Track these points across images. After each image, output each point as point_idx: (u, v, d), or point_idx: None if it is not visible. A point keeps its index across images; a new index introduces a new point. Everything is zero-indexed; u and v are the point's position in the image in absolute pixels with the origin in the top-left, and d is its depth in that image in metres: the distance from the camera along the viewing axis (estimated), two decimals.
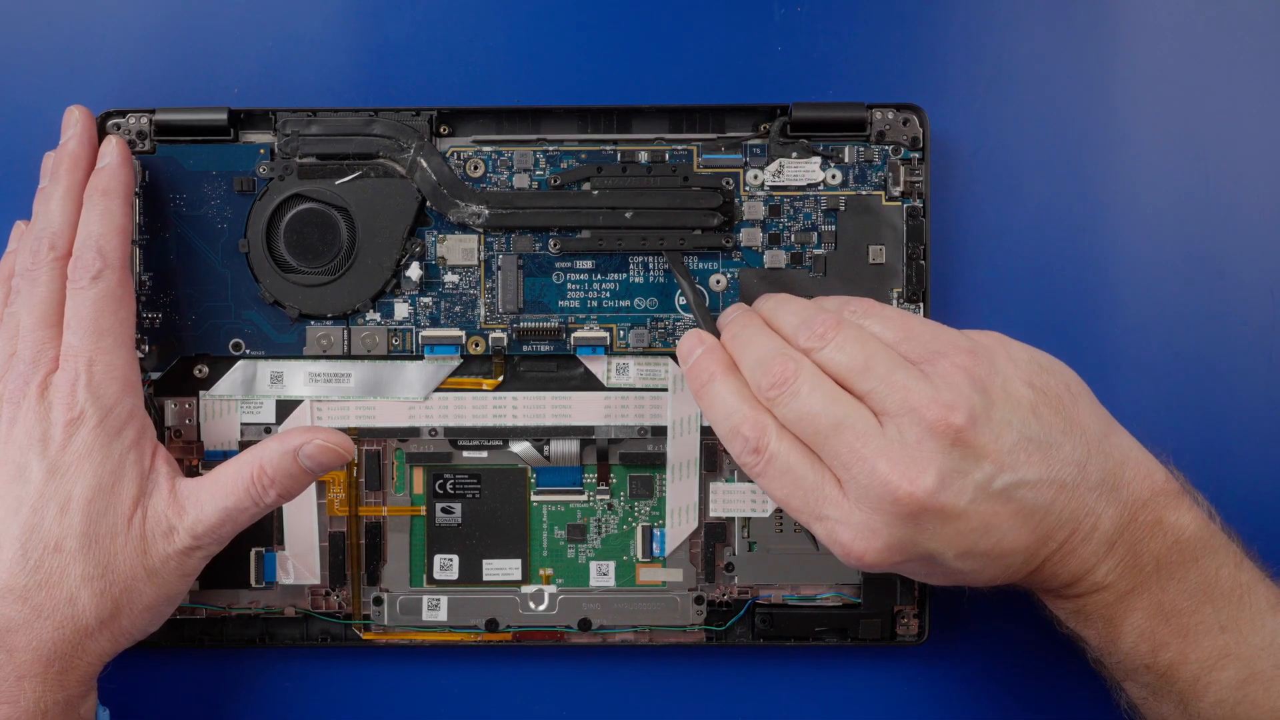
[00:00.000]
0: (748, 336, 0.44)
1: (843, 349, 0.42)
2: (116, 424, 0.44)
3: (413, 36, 0.51)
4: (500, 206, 0.49)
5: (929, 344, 0.43)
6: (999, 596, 0.51)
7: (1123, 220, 0.52)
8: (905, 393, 0.41)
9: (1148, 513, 0.43)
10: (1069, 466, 0.42)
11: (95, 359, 0.44)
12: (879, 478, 0.40)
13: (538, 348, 0.50)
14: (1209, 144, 0.52)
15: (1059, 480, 0.42)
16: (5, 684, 0.42)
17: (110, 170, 0.47)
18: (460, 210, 0.49)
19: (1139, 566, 0.43)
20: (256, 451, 0.45)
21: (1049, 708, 0.52)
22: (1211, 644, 0.43)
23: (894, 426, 0.41)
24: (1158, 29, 0.52)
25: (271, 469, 0.45)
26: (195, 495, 0.45)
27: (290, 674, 0.51)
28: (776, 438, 0.42)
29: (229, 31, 0.51)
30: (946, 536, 0.41)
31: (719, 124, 0.50)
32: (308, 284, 0.49)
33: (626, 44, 0.52)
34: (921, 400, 0.41)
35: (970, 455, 0.41)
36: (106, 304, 0.45)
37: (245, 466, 0.45)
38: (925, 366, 0.42)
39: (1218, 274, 0.51)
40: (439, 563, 0.51)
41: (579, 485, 0.51)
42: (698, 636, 0.51)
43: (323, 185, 0.49)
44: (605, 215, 0.49)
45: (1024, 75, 0.52)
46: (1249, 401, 0.51)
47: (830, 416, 0.41)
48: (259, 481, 0.45)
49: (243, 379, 0.50)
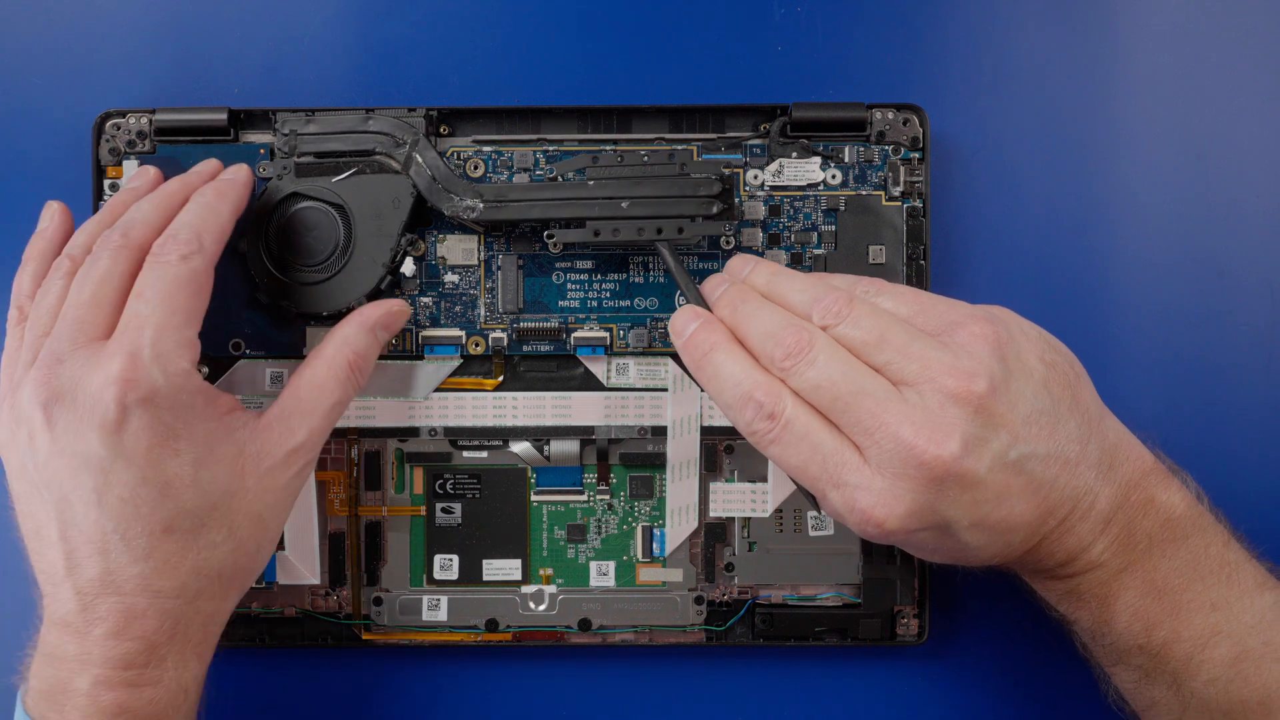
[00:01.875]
0: (750, 310, 0.44)
1: (858, 324, 0.42)
2: (188, 395, 0.42)
3: (412, 36, 0.51)
4: (495, 199, 0.48)
5: (944, 315, 0.43)
6: (998, 596, 0.51)
7: (1123, 220, 0.52)
8: (925, 361, 0.41)
9: (1139, 492, 0.43)
10: (1073, 443, 0.42)
11: (165, 330, 0.41)
12: (903, 442, 0.40)
13: (538, 348, 0.50)
14: (1209, 144, 0.52)
15: (1064, 456, 0.42)
16: (146, 669, 0.41)
17: (231, 181, 0.47)
18: (455, 204, 0.48)
19: (1132, 544, 0.43)
20: (341, 341, 0.45)
21: (1048, 708, 0.52)
22: (1203, 621, 0.43)
23: (915, 394, 0.41)
24: (1157, 29, 0.52)
25: (363, 349, 0.45)
26: (295, 409, 0.44)
27: (290, 674, 0.51)
28: (793, 403, 0.42)
29: (229, 31, 0.51)
30: (964, 504, 0.41)
31: (719, 124, 0.50)
32: (304, 282, 0.49)
33: (626, 44, 0.52)
34: (942, 368, 0.41)
35: (990, 423, 0.41)
36: (189, 284, 0.43)
37: (338, 358, 0.45)
38: (943, 337, 0.42)
39: (1217, 274, 0.51)
40: (439, 563, 0.51)
41: (579, 485, 0.51)
42: (698, 636, 0.51)
43: (319, 183, 0.49)
44: (602, 205, 0.47)
45: (1024, 75, 0.52)
46: (1249, 401, 0.51)
47: (850, 383, 0.41)
48: (355, 366, 0.45)
49: (243, 379, 0.50)
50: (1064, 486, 0.42)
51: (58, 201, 0.48)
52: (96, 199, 0.50)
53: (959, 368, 0.41)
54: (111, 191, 0.50)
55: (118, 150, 0.50)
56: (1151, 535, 0.43)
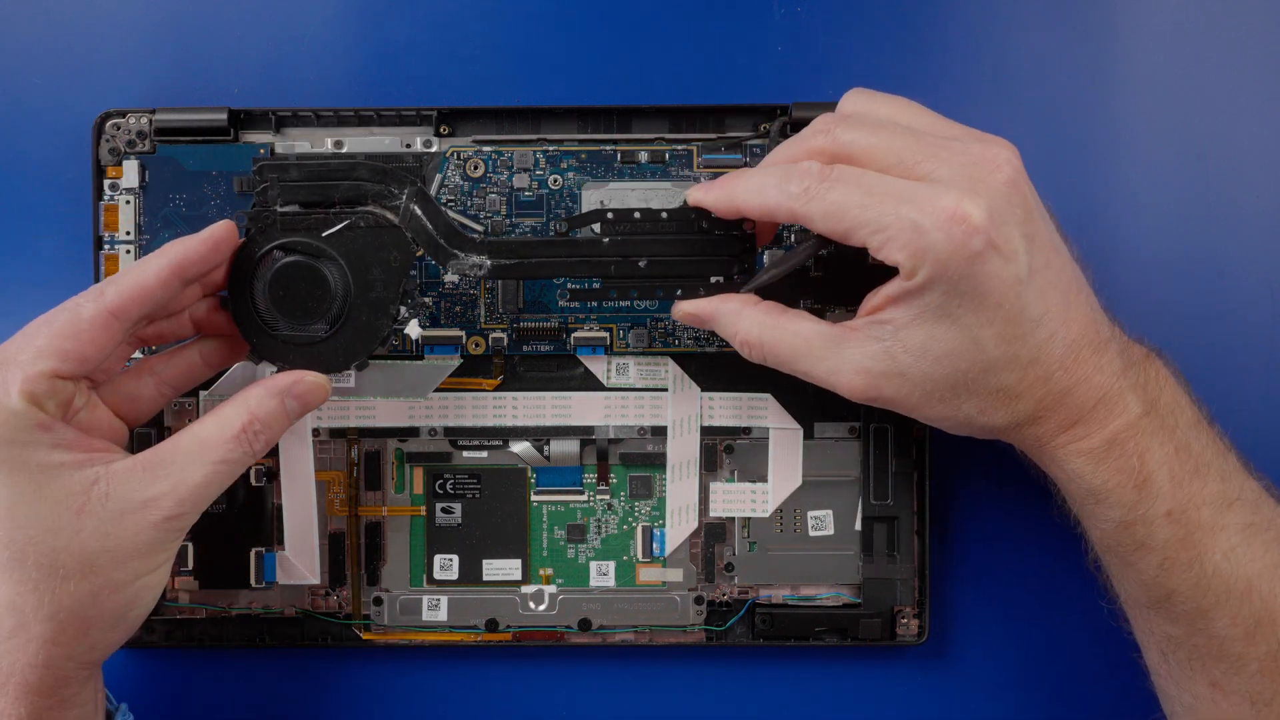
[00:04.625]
0: (746, 178, 0.44)
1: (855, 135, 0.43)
2: (13, 430, 0.41)
3: (413, 36, 0.51)
4: (504, 256, 0.46)
5: (946, 130, 0.43)
6: (998, 596, 0.51)
7: (1123, 220, 0.52)
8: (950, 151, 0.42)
9: (1137, 348, 0.44)
10: (1067, 272, 0.43)
11: (7, 364, 0.41)
12: (970, 155, 0.41)
13: (538, 348, 0.50)
14: (1209, 144, 0.52)
15: (1078, 280, 0.43)
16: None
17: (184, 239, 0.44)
18: (460, 262, 0.46)
19: (1149, 392, 0.43)
20: (241, 401, 0.43)
21: (1048, 708, 0.52)
22: (1218, 488, 0.43)
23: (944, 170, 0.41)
24: (1158, 29, 0.52)
25: (264, 415, 0.43)
26: (166, 459, 0.42)
27: (290, 674, 0.51)
28: (842, 164, 0.42)
29: (229, 31, 0.51)
30: (1023, 236, 0.41)
31: (719, 124, 0.50)
32: (298, 343, 0.45)
33: (626, 44, 0.52)
34: (970, 150, 0.41)
35: (1018, 200, 0.41)
36: (63, 327, 0.42)
37: (232, 418, 0.43)
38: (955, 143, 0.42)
39: (1217, 274, 0.51)
40: (439, 563, 0.51)
41: (579, 485, 0.51)
42: (698, 636, 0.51)
43: (308, 237, 0.45)
44: (619, 265, 0.46)
45: (1024, 75, 0.52)
46: (1249, 401, 0.51)
47: (883, 180, 0.41)
48: (249, 429, 0.43)
49: (243, 379, 0.50)
50: (1080, 305, 0.42)
51: (229, 224, 0.45)
52: (96, 199, 0.50)
53: (986, 152, 0.41)
54: (111, 191, 0.50)
55: (118, 150, 0.50)
56: (1159, 386, 0.43)
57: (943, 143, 0.42)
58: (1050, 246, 0.42)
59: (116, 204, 0.50)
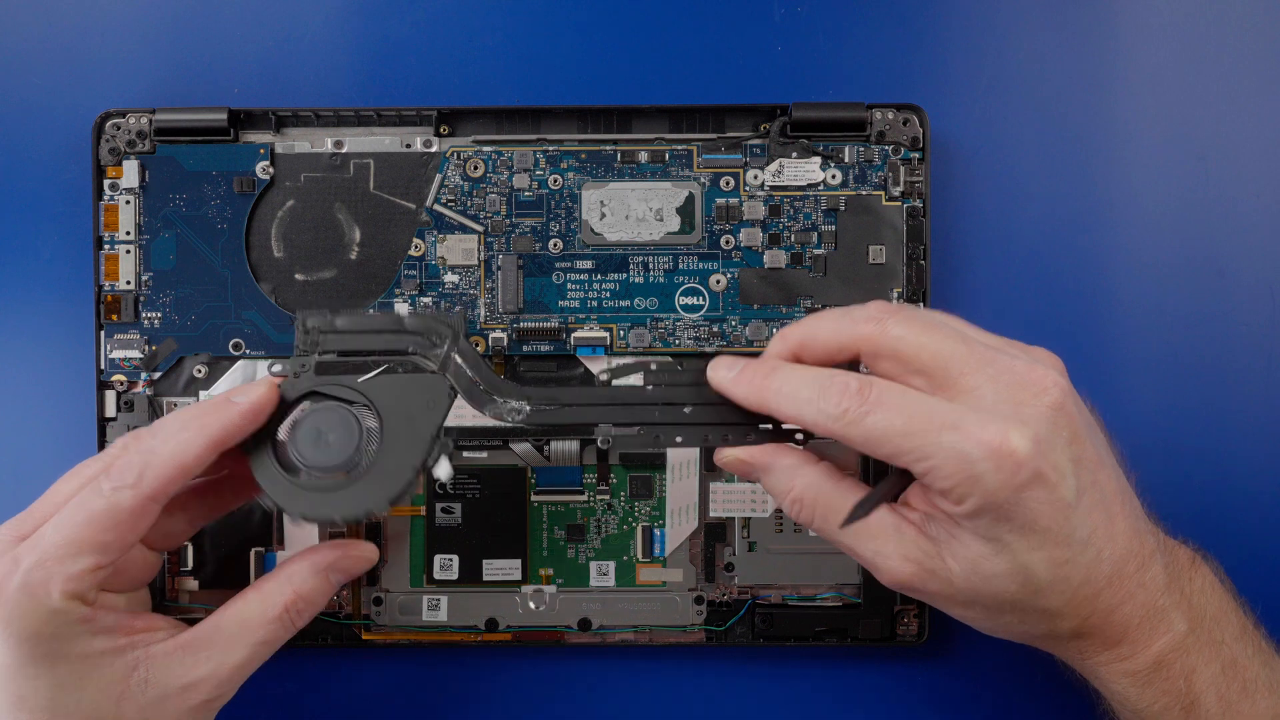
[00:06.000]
0: (783, 376, 0.42)
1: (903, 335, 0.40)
2: (56, 626, 0.40)
3: (413, 36, 0.51)
4: (544, 403, 0.44)
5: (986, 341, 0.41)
6: None
7: (1123, 220, 0.52)
8: (997, 366, 0.40)
9: (1178, 553, 0.43)
10: (1124, 487, 0.42)
11: (47, 561, 0.40)
12: (1017, 374, 0.39)
13: (538, 348, 0.50)
14: (1209, 144, 0.52)
15: (1124, 492, 0.41)
16: None
17: (222, 405, 0.42)
18: (499, 407, 0.44)
19: (1195, 606, 0.42)
20: (284, 579, 0.43)
21: (1048, 707, 0.52)
22: (1266, 704, 0.42)
23: (989, 387, 0.39)
24: (1157, 29, 0.52)
25: (307, 592, 0.43)
26: (208, 641, 0.42)
27: (290, 674, 0.51)
28: (881, 381, 0.40)
29: (229, 31, 0.51)
30: (1069, 459, 0.39)
31: (719, 124, 0.50)
32: (318, 488, 0.42)
33: (626, 44, 0.52)
34: (1015, 369, 0.40)
35: (1064, 423, 0.40)
36: (103, 518, 0.40)
37: (275, 596, 0.43)
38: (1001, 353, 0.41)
39: (1218, 274, 0.51)
40: (439, 563, 0.51)
41: (579, 485, 0.51)
42: (698, 636, 0.51)
43: (344, 381, 0.43)
44: (662, 411, 0.44)
45: (1024, 75, 0.52)
46: (1249, 401, 0.51)
47: (924, 403, 0.39)
48: (292, 609, 0.43)
49: (243, 379, 0.50)
50: (1131, 516, 0.41)
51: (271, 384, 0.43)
52: (96, 199, 0.50)
53: (1032, 370, 0.40)
54: (111, 191, 0.50)
55: (118, 150, 0.50)
56: (1205, 601, 0.42)
57: (991, 355, 0.40)
58: (1097, 462, 0.40)
59: (116, 204, 0.50)
